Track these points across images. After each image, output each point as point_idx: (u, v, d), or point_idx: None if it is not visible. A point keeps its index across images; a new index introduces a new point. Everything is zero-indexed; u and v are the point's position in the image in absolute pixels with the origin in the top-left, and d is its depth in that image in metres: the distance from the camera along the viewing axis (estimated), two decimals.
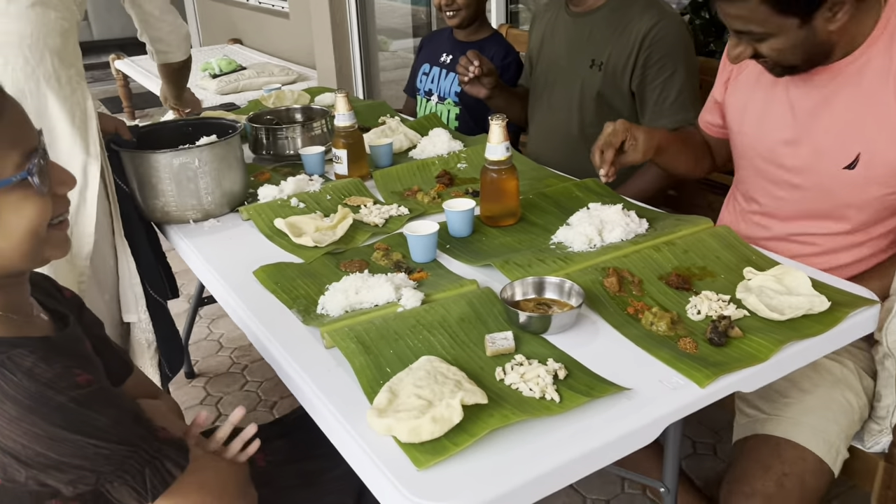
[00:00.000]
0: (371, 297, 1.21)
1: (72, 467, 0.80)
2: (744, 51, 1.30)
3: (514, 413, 0.93)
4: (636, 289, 1.23)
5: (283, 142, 1.93)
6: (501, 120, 1.45)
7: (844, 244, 1.40)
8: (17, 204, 0.81)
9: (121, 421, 0.84)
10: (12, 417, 0.77)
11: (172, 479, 0.87)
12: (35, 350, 0.81)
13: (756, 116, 1.47)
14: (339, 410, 1.00)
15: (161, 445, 0.88)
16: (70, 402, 0.79)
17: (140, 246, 1.65)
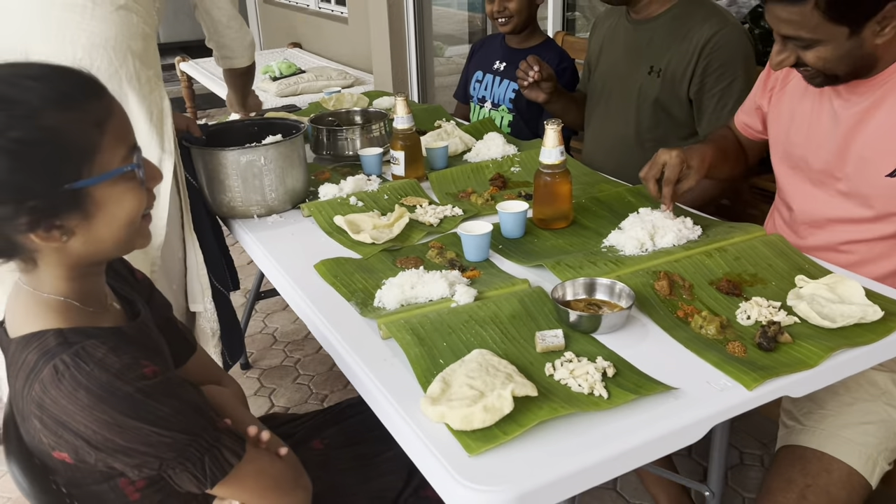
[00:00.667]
0: (426, 293, 1.26)
1: (137, 453, 0.85)
2: (787, 57, 1.32)
3: (562, 406, 0.97)
4: (686, 293, 1.25)
5: (343, 143, 1.99)
6: (557, 125, 1.48)
7: (887, 251, 1.39)
8: (120, 195, 0.88)
9: (182, 411, 0.88)
10: (84, 405, 0.82)
11: (230, 467, 0.92)
12: (107, 341, 0.86)
13: (804, 127, 1.48)
14: (395, 397, 1.04)
15: (220, 435, 0.92)
16: (137, 392, 0.84)
17: (206, 239, 1.73)
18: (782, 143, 1.54)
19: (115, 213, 0.88)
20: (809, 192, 1.49)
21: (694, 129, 1.94)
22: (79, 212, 0.85)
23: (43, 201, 0.82)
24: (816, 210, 1.48)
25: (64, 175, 0.82)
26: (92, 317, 0.92)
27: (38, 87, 0.82)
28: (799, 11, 1.24)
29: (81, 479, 0.92)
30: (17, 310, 0.91)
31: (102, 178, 0.85)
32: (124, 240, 0.91)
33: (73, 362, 0.82)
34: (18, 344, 0.87)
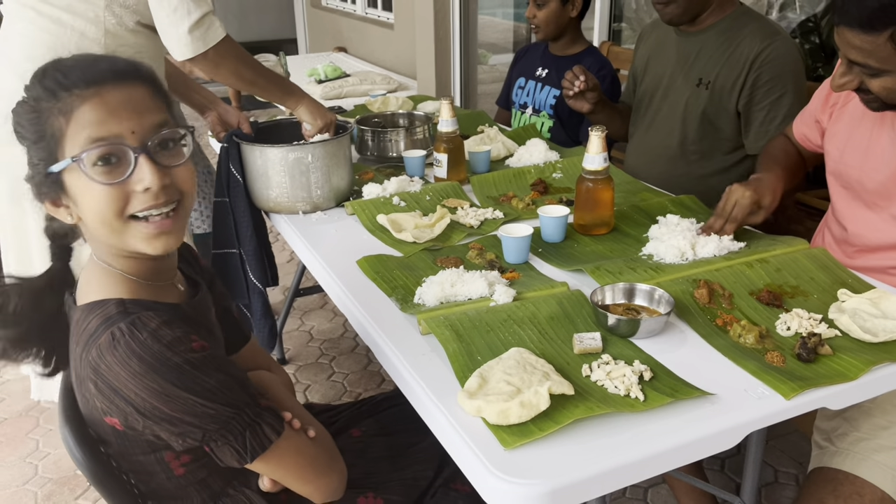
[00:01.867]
0: (465, 291, 1.28)
1: (182, 423, 0.88)
2: (851, 81, 1.30)
3: (598, 406, 0.98)
4: (726, 302, 1.25)
5: (388, 144, 2.03)
6: (601, 131, 1.49)
7: None
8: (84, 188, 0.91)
9: (228, 385, 0.91)
10: (136, 372, 0.86)
11: (270, 442, 0.95)
12: (162, 314, 0.90)
13: (860, 149, 1.46)
14: (433, 390, 1.06)
15: (261, 411, 0.95)
16: (185, 363, 0.87)
17: (246, 234, 1.78)
18: (836, 161, 1.52)
19: (86, 204, 0.90)
20: (862, 214, 1.48)
21: (739, 143, 1.93)
22: (64, 194, 0.92)
23: (37, 177, 0.91)
24: (868, 233, 1.47)
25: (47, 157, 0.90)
26: (154, 291, 0.97)
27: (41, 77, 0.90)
28: (872, 41, 1.22)
29: (129, 449, 0.96)
30: (87, 280, 0.96)
31: (61, 166, 0.89)
32: (110, 236, 0.91)
33: (128, 330, 0.87)
34: (83, 311, 0.92)
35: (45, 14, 1.55)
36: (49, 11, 1.55)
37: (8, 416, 2.49)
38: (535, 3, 2.35)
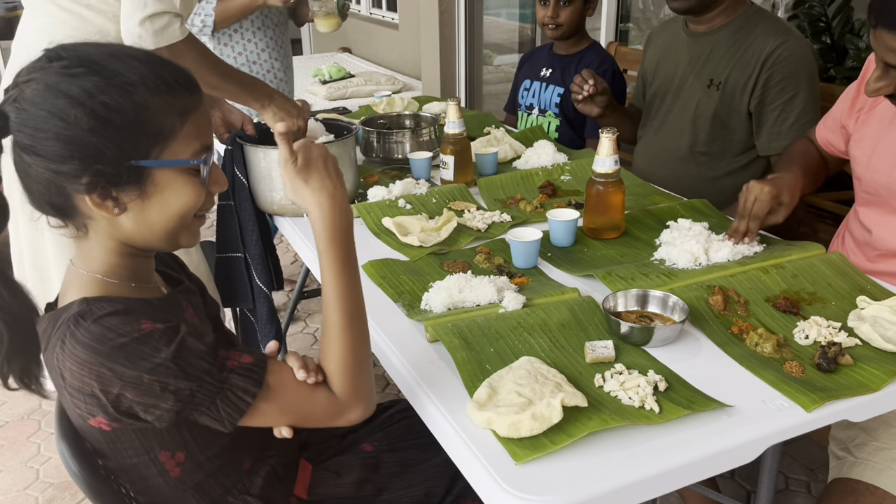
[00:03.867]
0: (473, 297, 1.25)
1: (148, 406, 0.85)
2: (887, 86, 1.26)
3: (612, 418, 0.95)
4: (742, 309, 1.22)
5: (393, 146, 2.00)
6: (612, 133, 1.46)
7: None
8: (181, 186, 0.90)
9: (181, 356, 0.85)
10: (84, 361, 0.82)
11: (247, 405, 0.89)
12: (116, 304, 0.87)
13: (889, 154, 1.42)
14: (441, 401, 1.03)
15: (227, 376, 0.89)
16: (131, 342, 0.83)
17: (251, 237, 1.75)
18: (864, 166, 1.48)
19: (170, 202, 0.90)
20: (888, 219, 1.44)
21: (750, 144, 1.90)
22: (137, 189, 0.87)
23: (108, 167, 0.85)
24: (893, 237, 1.43)
25: (135, 149, 0.86)
26: (127, 290, 0.93)
27: (139, 67, 0.86)
28: None
29: (122, 452, 0.93)
30: (66, 290, 0.93)
31: (168, 164, 0.88)
32: (172, 231, 0.92)
33: (74, 322, 0.84)
34: (49, 319, 0.89)
35: (67, 9, 1.53)
36: (70, 6, 1.53)
37: (9, 420, 2.46)
38: (557, 3, 2.30)
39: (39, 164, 0.85)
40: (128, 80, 0.85)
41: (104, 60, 0.85)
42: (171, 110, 0.87)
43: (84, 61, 0.85)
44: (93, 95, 0.83)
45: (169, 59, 0.91)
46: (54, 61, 0.85)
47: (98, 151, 0.84)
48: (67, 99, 0.82)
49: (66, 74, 0.84)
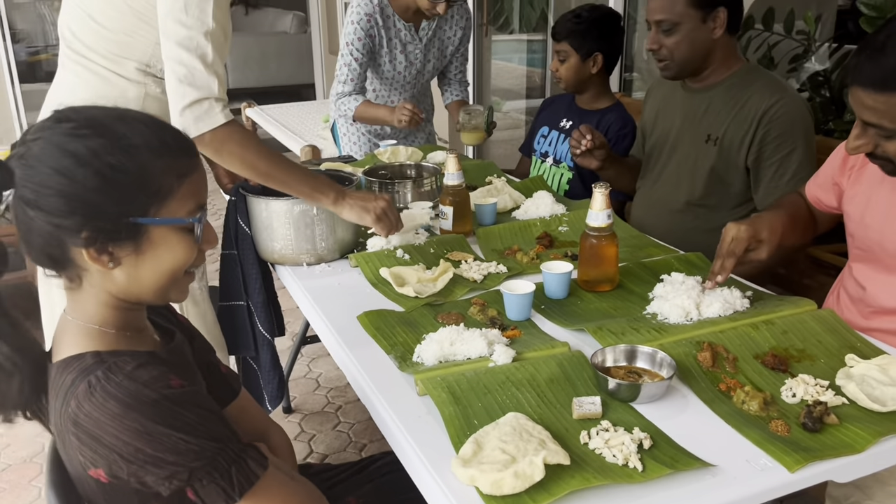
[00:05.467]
0: (464, 350, 1.26)
1: (166, 463, 0.87)
2: (866, 144, 1.28)
3: (595, 477, 0.95)
4: (730, 366, 1.23)
5: (395, 195, 2.03)
6: (604, 188, 1.49)
7: None
8: (175, 243, 0.94)
9: (208, 419, 0.91)
10: (114, 414, 0.86)
11: (256, 477, 0.93)
12: (137, 358, 0.91)
13: (881, 211, 1.44)
14: (426, 455, 1.04)
15: (244, 446, 0.94)
16: (163, 399, 0.87)
17: (254, 285, 1.78)
18: (856, 223, 1.50)
19: (163, 258, 0.94)
20: (881, 276, 1.45)
21: (748, 197, 1.92)
22: (132, 244, 0.91)
23: (107, 223, 0.89)
24: (886, 295, 1.44)
25: (134, 207, 0.90)
26: (129, 342, 0.97)
27: (143, 130, 0.92)
28: (885, 100, 1.21)
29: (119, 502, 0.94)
30: (61, 339, 0.97)
31: (164, 222, 0.92)
32: (163, 287, 0.96)
33: (104, 376, 0.87)
34: (59, 367, 0.92)
35: (91, 69, 1.58)
36: (95, 67, 1.57)
37: (12, 463, 2.48)
38: (557, 57, 2.38)
39: (41, 218, 0.89)
40: (132, 143, 0.90)
41: (110, 123, 0.90)
42: (170, 171, 0.92)
43: (91, 123, 0.90)
44: (98, 156, 0.87)
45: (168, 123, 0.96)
46: (62, 122, 0.90)
47: (99, 208, 0.88)
48: (74, 158, 0.87)
49: (74, 135, 0.88)
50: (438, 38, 2.71)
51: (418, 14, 2.58)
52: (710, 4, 1.82)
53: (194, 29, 1.42)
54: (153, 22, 1.44)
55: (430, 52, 2.71)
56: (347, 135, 2.88)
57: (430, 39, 2.68)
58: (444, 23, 2.69)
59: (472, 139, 2.61)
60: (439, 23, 2.67)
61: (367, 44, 2.56)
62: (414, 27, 2.63)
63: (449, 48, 2.76)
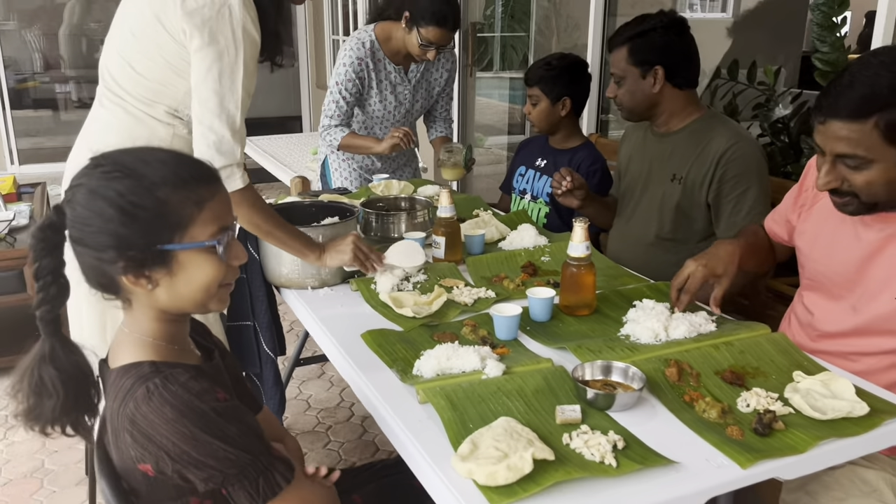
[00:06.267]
0: (460, 364, 1.42)
1: (206, 466, 1.02)
2: (835, 179, 1.42)
3: (576, 471, 1.11)
4: (694, 380, 1.39)
5: (390, 226, 2.19)
6: (584, 222, 1.66)
7: (893, 365, 1.51)
8: (202, 263, 1.08)
9: (246, 434, 1.05)
10: (169, 419, 1.00)
11: (280, 489, 1.08)
12: (189, 371, 1.06)
13: (826, 246, 1.61)
14: (430, 455, 1.19)
15: (274, 460, 1.09)
16: (211, 411, 1.02)
17: (261, 307, 1.92)
18: (805, 256, 1.68)
19: (194, 276, 1.08)
20: (826, 304, 1.63)
21: (710, 232, 2.11)
22: (164, 268, 1.06)
23: (138, 253, 1.03)
24: (831, 321, 1.61)
25: (159, 237, 1.04)
26: (178, 355, 1.12)
27: (162, 168, 1.06)
28: (859, 129, 1.35)
29: (157, 496, 1.08)
30: (118, 348, 1.11)
31: (188, 247, 1.06)
32: (200, 301, 1.10)
33: (162, 384, 1.01)
34: (118, 372, 1.07)
35: (127, 109, 1.69)
36: (130, 108, 1.69)
37: (13, 478, 2.56)
38: (530, 101, 2.59)
39: (86, 253, 1.04)
40: (153, 181, 1.03)
41: (134, 165, 1.05)
42: (188, 202, 1.05)
43: (119, 166, 1.04)
44: (123, 195, 1.01)
45: (191, 156, 1.11)
46: (97, 168, 1.05)
47: (129, 241, 1.02)
48: (105, 200, 1.02)
49: (105, 178, 1.03)
50: (426, 80, 2.91)
51: (408, 58, 2.79)
52: (647, 63, 2.07)
53: (226, 98, 1.57)
54: (185, 74, 1.60)
55: (419, 93, 2.91)
56: (339, 170, 3.04)
57: (419, 81, 2.88)
58: (431, 66, 2.89)
59: (452, 175, 2.78)
60: (427, 66, 2.87)
61: (356, 84, 2.76)
62: (403, 70, 2.83)
63: (436, 89, 2.97)
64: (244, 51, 1.56)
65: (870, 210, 1.46)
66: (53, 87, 7.46)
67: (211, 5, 1.52)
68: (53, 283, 1.04)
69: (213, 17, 1.52)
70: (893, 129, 1.33)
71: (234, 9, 1.53)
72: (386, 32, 2.77)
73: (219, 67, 1.55)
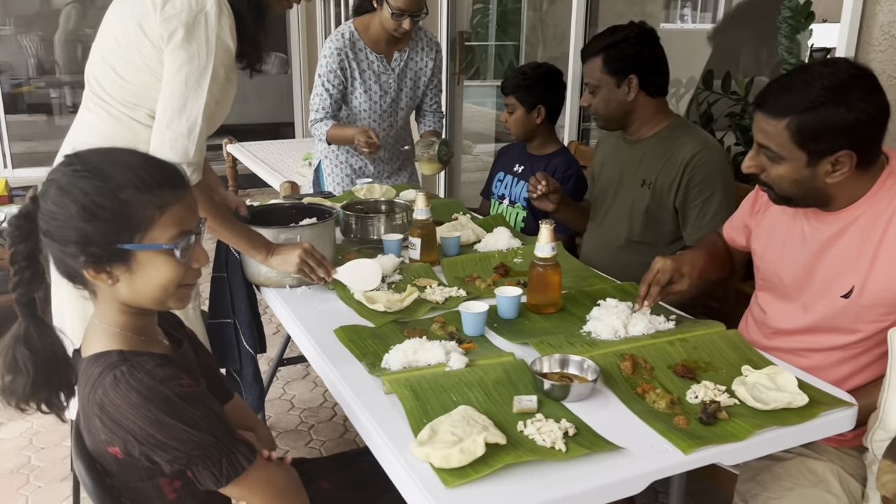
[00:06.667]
0: (425, 358, 1.49)
1: (170, 448, 1.08)
2: (757, 165, 1.54)
3: (526, 454, 1.18)
4: (647, 374, 1.46)
5: (370, 228, 2.27)
6: (550, 224, 1.73)
7: (841, 360, 1.59)
8: (161, 264, 1.13)
9: (209, 417, 1.11)
10: (134, 404, 1.06)
11: (242, 469, 1.14)
12: (155, 359, 1.12)
13: (778, 248, 1.70)
14: (391, 441, 1.26)
15: (236, 442, 1.15)
16: (175, 396, 1.08)
17: (242, 305, 1.99)
18: (759, 258, 1.77)
19: (152, 276, 1.13)
20: (779, 303, 1.71)
21: (678, 236, 2.19)
22: (124, 265, 1.11)
23: (99, 249, 1.09)
24: (783, 319, 1.69)
25: (119, 236, 1.09)
26: (145, 344, 1.18)
27: (129, 172, 1.11)
28: (774, 125, 1.47)
29: (129, 476, 1.14)
30: (89, 338, 1.18)
31: (147, 248, 1.11)
32: (158, 298, 1.16)
33: (128, 371, 1.08)
34: (89, 361, 1.13)
35: (111, 112, 1.75)
36: (113, 111, 1.75)
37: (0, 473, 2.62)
38: (507, 110, 2.66)
39: (52, 245, 1.10)
40: (118, 183, 1.08)
41: (102, 166, 1.10)
42: (150, 205, 1.09)
43: (88, 166, 1.10)
44: (88, 194, 1.06)
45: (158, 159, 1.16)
46: (69, 166, 1.11)
47: (90, 237, 1.08)
48: (70, 197, 1.07)
49: (74, 176, 1.09)
50: (411, 70, 2.97)
51: (390, 45, 2.85)
52: (622, 72, 2.14)
53: (190, 100, 1.63)
54: None
55: (404, 82, 2.95)
56: (332, 175, 3.11)
57: (403, 70, 2.93)
58: (414, 54, 2.94)
59: (429, 169, 2.84)
60: (410, 54, 2.92)
61: (338, 76, 2.83)
62: (386, 59, 2.89)
63: (422, 79, 3.00)
64: (215, 57, 1.63)
65: (786, 203, 1.57)
66: (48, 92, 7.51)
67: (189, 11, 1.60)
68: (28, 268, 1.10)
69: (190, 23, 1.59)
70: (802, 133, 1.44)
71: (211, 16, 1.60)
72: (364, 23, 2.85)
73: (187, 69, 1.62)
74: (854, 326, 1.54)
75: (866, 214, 1.51)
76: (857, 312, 1.52)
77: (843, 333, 1.57)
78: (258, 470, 1.17)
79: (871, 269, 1.49)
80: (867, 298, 1.50)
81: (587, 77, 2.23)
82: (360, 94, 2.90)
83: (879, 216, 1.49)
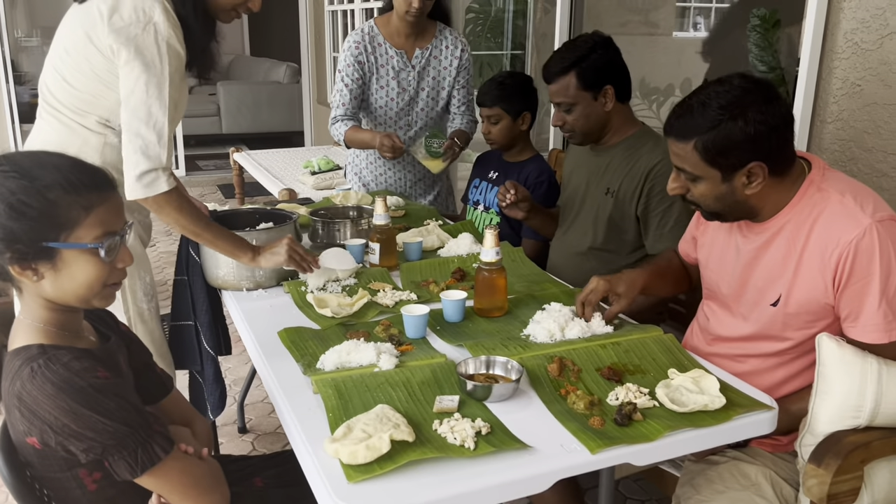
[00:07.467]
0: (357, 359, 1.52)
1: (85, 437, 1.12)
2: (680, 187, 1.57)
3: (431, 451, 1.20)
4: (574, 376, 1.48)
5: (335, 233, 2.31)
6: (494, 229, 1.76)
7: (774, 366, 1.59)
8: (85, 263, 1.18)
9: (125, 408, 1.15)
10: (49, 395, 1.11)
11: (158, 459, 1.17)
12: (73, 352, 1.16)
13: (717, 257, 1.72)
14: (308, 438, 1.29)
15: (152, 433, 1.18)
16: (89, 387, 1.12)
17: (202, 307, 2.04)
18: (704, 268, 1.79)
19: (77, 274, 1.18)
20: (720, 312, 1.72)
21: (640, 244, 2.19)
22: (49, 263, 1.16)
23: (24, 247, 1.13)
24: (723, 327, 1.71)
25: (45, 235, 1.14)
26: (68, 339, 1.22)
27: (55, 173, 1.16)
28: (683, 148, 1.50)
29: (48, 467, 1.19)
30: (14, 333, 1.23)
31: (71, 246, 1.16)
32: (83, 296, 1.20)
33: (45, 364, 1.13)
34: (11, 355, 1.18)
35: (61, 120, 1.83)
36: (64, 119, 1.82)
37: None
38: (489, 121, 2.66)
39: None
40: (44, 183, 1.12)
41: (30, 167, 1.15)
42: (76, 205, 1.14)
43: (16, 167, 1.15)
44: (14, 194, 1.11)
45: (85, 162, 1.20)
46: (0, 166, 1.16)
47: (16, 235, 1.12)
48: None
49: (2, 177, 1.13)
50: (433, 68, 2.84)
51: (410, 40, 2.79)
52: (597, 84, 2.13)
53: (154, 107, 1.69)
54: (113, 87, 1.73)
55: (424, 80, 2.85)
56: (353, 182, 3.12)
57: (424, 67, 2.84)
58: (437, 52, 2.85)
59: (432, 167, 2.84)
60: (433, 52, 2.84)
61: (357, 69, 2.78)
62: (406, 55, 2.82)
63: (446, 79, 2.86)
64: (169, 64, 1.68)
65: (717, 218, 1.60)
66: None
67: (136, 23, 1.65)
68: None
69: (139, 34, 1.65)
70: (708, 151, 1.46)
71: (159, 25, 1.66)
72: (385, 19, 2.82)
73: (146, 79, 1.67)
74: (784, 334, 1.55)
75: (790, 223, 1.52)
76: (785, 320, 1.53)
77: (775, 341, 1.57)
78: (175, 461, 1.21)
79: (794, 277, 1.50)
80: (792, 306, 1.51)
81: (557, 97, 2.17)
82: (377, 89, 2.82)
83: (801, 225, 1.50)
